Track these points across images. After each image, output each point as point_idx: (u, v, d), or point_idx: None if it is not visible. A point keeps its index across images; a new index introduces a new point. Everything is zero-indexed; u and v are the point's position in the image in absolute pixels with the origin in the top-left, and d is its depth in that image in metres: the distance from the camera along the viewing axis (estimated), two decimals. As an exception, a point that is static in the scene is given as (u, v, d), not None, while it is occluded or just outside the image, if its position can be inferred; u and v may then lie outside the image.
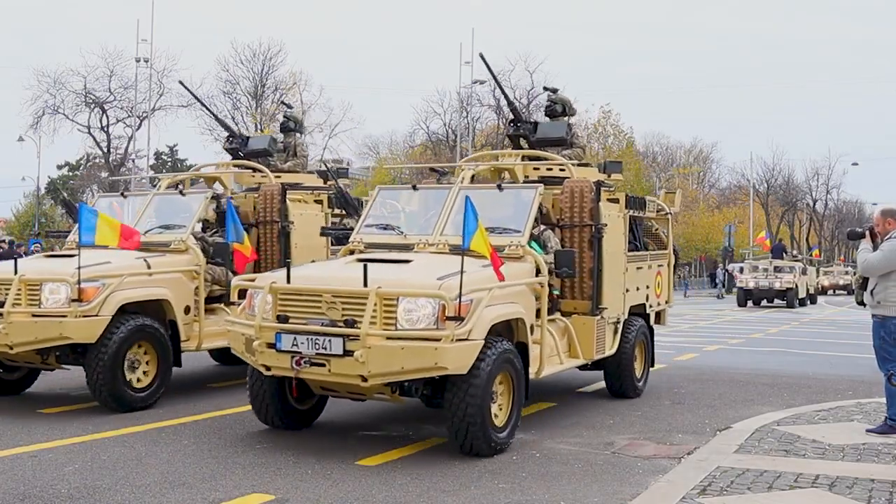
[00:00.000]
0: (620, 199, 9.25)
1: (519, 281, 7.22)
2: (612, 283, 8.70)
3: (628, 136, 66.09)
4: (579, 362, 8.42)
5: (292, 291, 6.75)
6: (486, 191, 8.28)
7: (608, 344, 8.77)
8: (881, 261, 7.27)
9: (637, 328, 9.42)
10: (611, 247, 8.59)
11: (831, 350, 15.77)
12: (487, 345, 6.55)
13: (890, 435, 7.15)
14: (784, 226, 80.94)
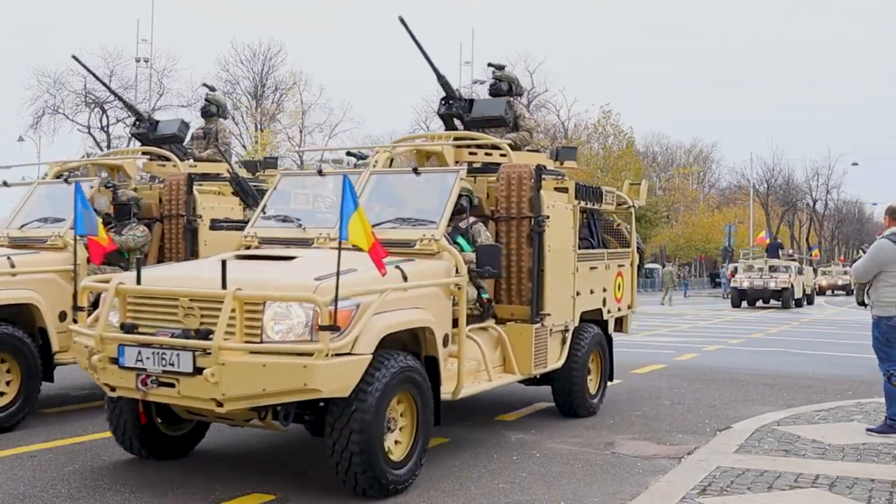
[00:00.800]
0: (570, 189, 8.02)
1: (427, 282, 6.05)
2: (558, 285, 7.62)
3: (628, 136, 66.05)
4: (514, 378, 7.28)
5: (143, 294, 5.57)
6: (400, 176, 7.16)
7: (552, 356, 7.66)
8: (864, 263, 7.43)
9: (590, 337, 8.30)
10: (556, 243, 7.54)
11: (831, 350, 15.77)
12: (379, 361, 5.39)
13: (890, 435, 7.16)
14: (784, 226, 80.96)
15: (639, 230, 43.68)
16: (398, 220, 6.61)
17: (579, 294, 8.05)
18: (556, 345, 7.75)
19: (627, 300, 9.38)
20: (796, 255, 45.16)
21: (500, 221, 7.41)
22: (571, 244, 7.93)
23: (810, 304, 37.70)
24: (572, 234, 7.93)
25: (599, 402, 8.67)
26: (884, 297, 7.28)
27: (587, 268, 8.24)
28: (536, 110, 65.39)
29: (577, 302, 8.04)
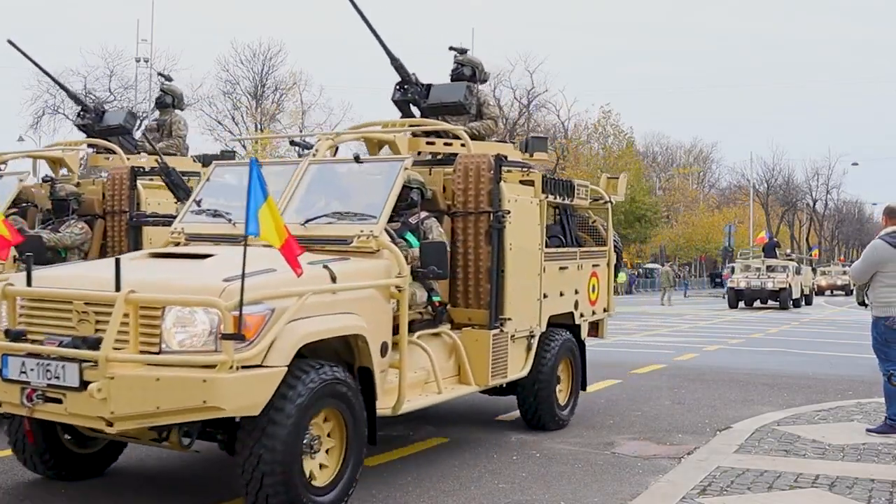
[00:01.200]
0: (536, 182, 7.36)
1: (361, 283, 5.40)
2: (521, 286, 7.02)
3: (628, 136, 66.09)
4: (470, 389, 6.63)
5: (34, 297, 4.98)
6: (341, 165, 6.52)
7: (515, 364, 7.03)
8: (860, 264, 7.47)
9: (559, 344, 7.62)
10: (519, 240, 6.94)
11: (831, 350, 15.76)
12: (296, 374, 4.75)
13: (890, 435, 7.16)
14: (784, 226, 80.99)
15: (639, 230, 43.33)
16: (335, 215, 5.92)
17: (547, 296, 7.40)
18: (519, 352, 7.11)
19: (603, 303, 8.72)
20: (794, 254, 44.43)
21: (457, 217, 6.82)
22: (537, 242, 7.28)
23: (809, 305, 37.14)
24: (538, 230, 7.29)
25: (570, 414, 8.00)
26: (881, 297, 7.28)
27: (556, 268, 7.59)
28: (536, 110, 65.43)
29: (545, 305, 7.39)
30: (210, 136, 57.55)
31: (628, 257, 66.50)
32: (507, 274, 6.83)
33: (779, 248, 37.94)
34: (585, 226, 8.94)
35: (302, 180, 6.21)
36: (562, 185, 7.74)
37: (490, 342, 6.64)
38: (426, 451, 6.91)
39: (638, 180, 63.78)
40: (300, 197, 6.15)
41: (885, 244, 7.27)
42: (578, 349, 8.18)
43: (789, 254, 40.44)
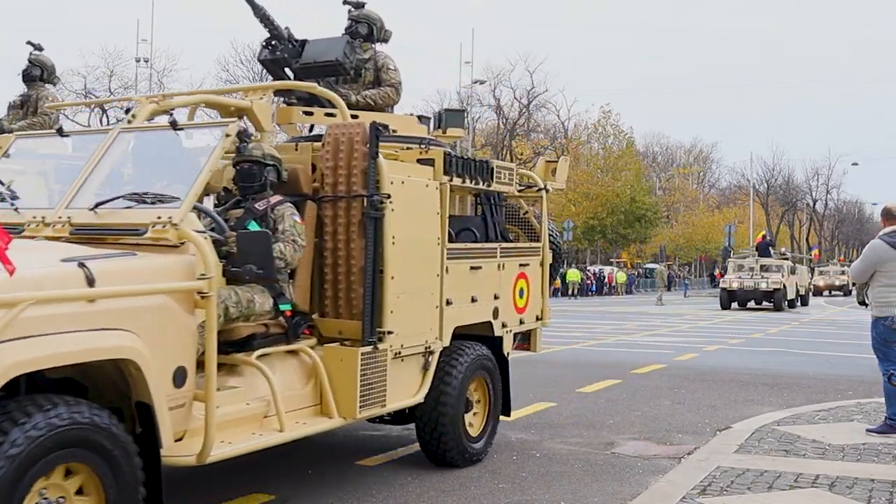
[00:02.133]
0: (437, 161, 6.04)
1: (135, 287, 4.05)
2: (409, 290, 5.67)
3: (628, 136, 66.13)
4: (331, 424, 5.23)
5: None
6: (155, 134, 5.10)
7: (402, 388, 5.72)
8: (859, 264, 7.49)
9: (470, 361, 6.28)
10: (407, 232, 5.61)
11: (831, 350, 15.77)
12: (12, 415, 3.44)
13: (890, 435, 7.16)
14: (784, 226, 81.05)
15: (639, 230, 43.33)
16: (132, 197, 4.55)
17: (451, 303, 6.08)
18: (409, 373, 5.81)
19: (536, 309, 7.35)
20: (789, 253, 42.94)
21: (325, 203, 5.48)
22: (436, 235, 5.93)
23: (804, 305, 36.44)
24: (437, 221, 5.95)
25: (486, 446, 6.59)
26: (880, 297, 7.27)
27: (465, 267, 6.29)
28: (536, 110, 65.48)
29: (448, 314, 6.07)
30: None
31: (628, 257, 66.57)
32: (388, 275, 5.43)
33: (773, 247, 37.06)
34: (516, 217, 7.65)
35: (107, 153, 4.88)
36: (473, 166, 6.38)
37: (358, 362, 5.23)
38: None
39: (638, 180, 63.90)
40: (103, 174, 4.85)
41: (883, 244, 7.27)
42: (498, 366, 6.76)
43: (784, 253, 39.10)
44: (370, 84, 6.87)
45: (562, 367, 12.38)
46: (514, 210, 7.66)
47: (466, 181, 6.33)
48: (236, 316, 4.96)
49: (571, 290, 47.11)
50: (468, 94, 60.09)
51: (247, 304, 5.01)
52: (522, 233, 7.67)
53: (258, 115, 5.60)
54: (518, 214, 7.70)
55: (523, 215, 7.70)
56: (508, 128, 64.06)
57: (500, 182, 6.79)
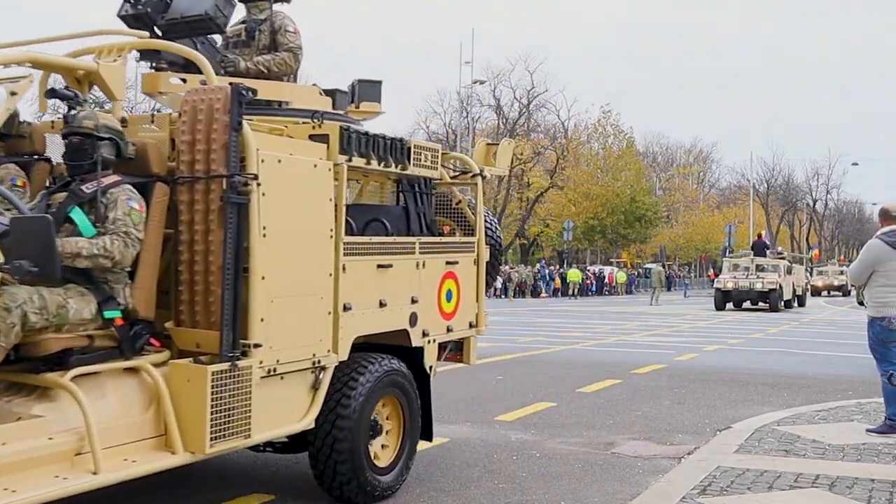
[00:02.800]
0: (331, 137, 5.03)
1: None
2: (290, 293, 4.70)
3: (628, 136, 66.14)
4: (174, 461, 4.26)
5: None
6: None
7: (278, 414, 4.73)
8: (858, 264, 7.44)
9: (376, 377, 5.29)
10: (286, 223, 4.65)
11: (831, 350, 15.77)
12: None
13: (890, 435, 7.16)
14: (784, 226, 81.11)
15: (639, 230, 42.83)
16: None
17: (349, 308, 5.10)
18: (291, 393, 4.82)
19: (469, 315, 6.39)
20: (786, 252, 41.78)
21: (182, 186, 4.49)
22: (327, 226, 4.96)
23: (801, 306, 35.57)
24: (330, 209, 4.98)
25: (399, 478, 5.60)
26: (877, 297, 7.24)
27: (371, 266, 5.32)
28: (536, 110, 65.51)
29: (346, 321, 5.10)
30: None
31: (628, 257, 66.60)
32: (256, 274, 4.46)
33: (769, 248, 36.01)
34: (448, 208, 6.73)
35: None
36: (382, 144, 5.36)
37: (208, 383, 4.21)
38: (426, 450, 6.90)
39: (638, 180, 63.94)
40: None
41: (882, 243, 7.25)
42: (416, 382, 5.75)
43: (780, 252, 37.93)
44: (265, 49, 5.91)
45: (562, 367, 12.38)
46: (446, 199, 6.67)
47: (372, 162, 5.28)
48: (42, 325, 3.95)
49: (571, 290, 47.14)
50: (468, 94, 60.03)
51: (56, 310, 4.01)
52: (457, 226, 6.70)
53: (107, 79, 4.77)
54: (452, 204, 6.70)
55: (456, 205, 6.67)
56: (508, 128, 64.06)
57: (419, 165, 5.73)
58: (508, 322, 22.96)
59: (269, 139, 4.72)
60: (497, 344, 16.00)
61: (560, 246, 62.51)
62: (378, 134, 5.43)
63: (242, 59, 5.77)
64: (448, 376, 11.25)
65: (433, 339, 5.97)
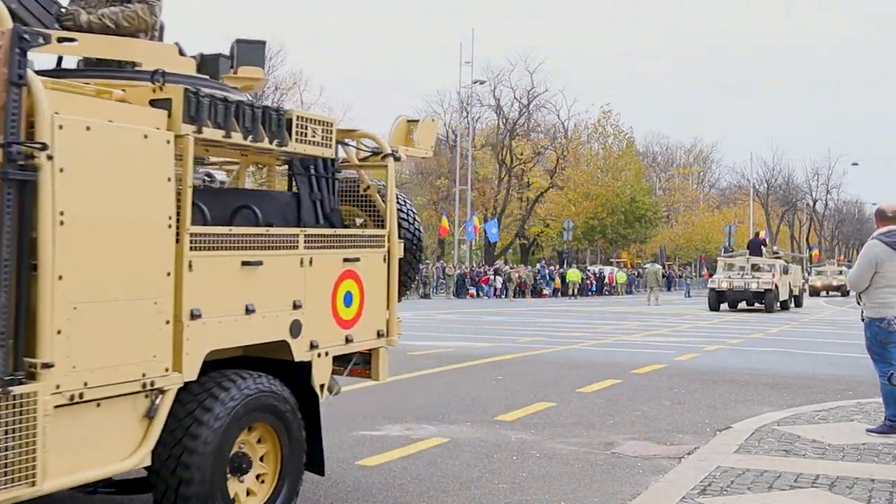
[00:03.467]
0: (174, 102, 4.09)
1: None
2: (104, 296, 3.77)
3: (628, 136, 66.15)
4: None
5: None
6: None
7: (95, 451, 3.78)
8: (857, 270, 7.34)
9: (239, 401, 4.31)
10: (99, 208, 3.74)
11: (831, 350, 15.77)
12: None
13: (890, 435, 7.15)
14: (784, 226, 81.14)
15: (639, 230, 42.61)
16: None
17: (198, 316, 4.16)
18: (111, 425, 3.84)
19: (377, 322, 5.44)
20: (782, 252, 40.51)
21: None
22: (164, 213, 4.00)
23: (798, 307, 34.66)
24: (168, 192, 4.01)
25: None
26: (876, 297, 7.19)
27: (233, 263, 4.39)
28: (536, 110, 65.52)
29: (193, 332, 4.14)
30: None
31: (628, 257, 66.60)
32: (50, 273, 3.53)
33: (765, 246, 34.82)
34: (355, 195, 5.81)
35: None
36: (247, 113, 4.44)
37: None
38: (426, 451, 6.91)
39: (638, 180, 63.96)
40: None
41: (880, 243, 7.21)
42: (297, 405, 4.75)
43: (776, 252, 36.67)
44: (115, 1, 5.00)
45: (562, 367, 12.38)
46: (353, 184, 5.80)
47: (234, 135, 4.35)
48: None
49: (571, 290, 47.16)
50: (468, 94, 60.05)
51: None
52: (368, 216, 5.78)
53: None
54: (360, 191, 5.78)
55: (364, 192, 5.74)
56: (508, 128, 64.08)
57: (304, 142, 4.79)
58: (508, 322, 22.96)
59: (74, 101, 3.74)
60: (497, 344, 16.00)
61: (560, 246, 62.52)
62: (247, 100, 4.53)
63: (84, 12, 4.84)
64: (448, 376, 11.26)
65: (325, 351, 4.99)
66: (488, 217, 58.83)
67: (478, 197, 61.13)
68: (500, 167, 63.54)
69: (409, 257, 5.83)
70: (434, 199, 63.69)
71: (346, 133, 5.53)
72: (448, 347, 15.04)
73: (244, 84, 5.32)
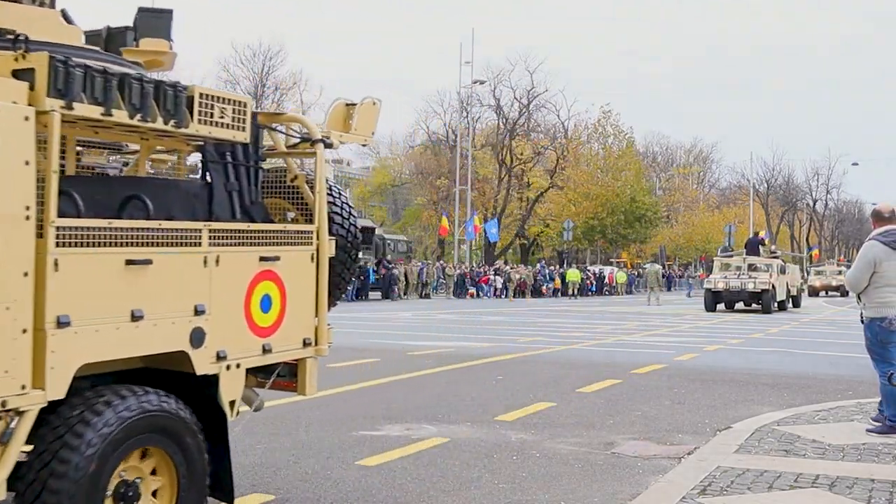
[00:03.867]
0: (38, 73, 3.50)
1: None
2: None
3: (628, 136, 66.17)
4: None
5: None
6: None
7: None
8: (855, 270, 7.35)
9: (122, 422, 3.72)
10: None
11: (831, 350, 15.77)
12: None
13: (889, 435, 7.15)
14: (784, 226, 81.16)
15: (639, 230, 42.50)
16: None
17: (66, 323, 3.55)
18: None
19: (302, 329, 4.84)
20: (780, 251, 39.86)
21: None
22: (19, 203, 3.41)
23: (797, 307, 34.13)
24: (24, 177, 3.41)
25: None
26: (875, 297, 7.21)
27: (114, 261, 3.78)
28: (536, 110, 65.51)
29: (61, 342, 3.54)
30: (210, 136, 57.67)
31: (628, 257, 66.61)
32: None
33: (763, 245, 33.65)
34: (280, 187, 5.25)
35: None
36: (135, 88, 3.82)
37: None
38: (426, 451, 6.91)
39: (638, 180, 63.97)
40: None
41: (878, 243, 7.23)
42: (199, 426, 4.19)
43: (774, 251, 35.70)
44: None
45: (562, 367, 12.38)
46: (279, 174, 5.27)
47: (117, 113, 3.75)
48: None
49: (571, 290, 47.15)
50: (468, 94, 60.04)
51: None
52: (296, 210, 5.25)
53: None
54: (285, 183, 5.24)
55: (291, 183, 5.19)
56: (508, 128, 64.07)
57: (209, 123, 4.17)
58: (508, 322, 22.96)
59: None
60: (497, 344, 16.00)
61: (560, 246, 62.54)
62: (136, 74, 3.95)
63: None
64: (448, 376, 11.25)
65: (236, 363, 4.39)
66: (488, 217, 58.86)
67: (478, 197, 61.14)
68: (500, 167, 63.54)
69: (342, 256, 5.19)
70: (434, 199, 63.70)
71: (272, 117, 5.03)
72: (448, 347, 15.04)
73: (149, 59, 4.72)
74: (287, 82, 58.54)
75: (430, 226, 66.17)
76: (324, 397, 9.33)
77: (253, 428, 7.57)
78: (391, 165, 75.37)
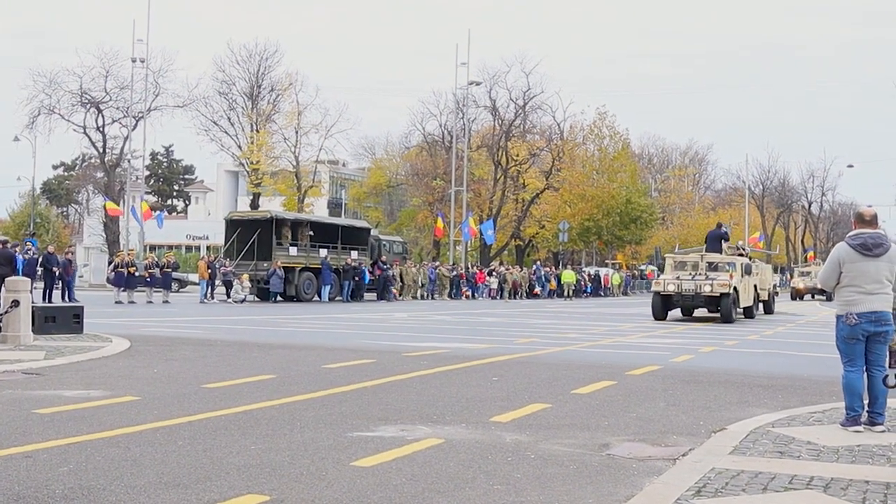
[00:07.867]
0: None
1: None
2: None
3: (624, 138, 66.20)
4: None
5: None
6: None
7: None
8: (821, 270, 7.91)
9: None
10: None
11: (827, 352, 15.76)
12: None
13: (854, 427, 7.45)
14: (779, 227, 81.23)
15: (634, 232, 42.97)
16: None
17: None
18: None
19: None
20: (747, 247, 32.93)
21: None
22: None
23: (768, 313, 29.36)
24: None
25: None
26: (843, 296, 7.61)
27: None
28: (532, 112, 65.47)
29: None
30: (206, 136, 57.63)
31: (623, 259, 66.63)
32: None
33: (726, 239, 27.75)
34: None
35: None
36: None
37: None
38: (421, 452, 6.90)
39: (633, 182, 64.02)
40: None
41: (845, 245, 7.61)
42: None
43: (740, 247, 29.66)
44: None
45: (557, 369, 12.38)
46: None
47: None
48: None
49: (567, 292, 47.17)
50: (464, 96, 60.00)
51: None
52: None
53: None
54: None
55: None
56: (504, 129, 64.06)
57: None
58: (504, 323, 22.95)
59: None
60: (492, 345, 16.00)
61: (556, 247, 62.55)
62: None
63: None
64: (443, 377, 11.25)
65: None
66: (484, 218, 58.85)
67: (473, 198, 61.13)
68: (495, 168, 63.53)
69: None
70: (430, 201, 63.69)
71: None
72: (443, 348, 15.03)
73: None
74: (283, 83, 58.50)
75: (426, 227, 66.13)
76: (319, 398, 9.33)
77: (248, 428, 7.57)
78: (387, 166, 75.34)
